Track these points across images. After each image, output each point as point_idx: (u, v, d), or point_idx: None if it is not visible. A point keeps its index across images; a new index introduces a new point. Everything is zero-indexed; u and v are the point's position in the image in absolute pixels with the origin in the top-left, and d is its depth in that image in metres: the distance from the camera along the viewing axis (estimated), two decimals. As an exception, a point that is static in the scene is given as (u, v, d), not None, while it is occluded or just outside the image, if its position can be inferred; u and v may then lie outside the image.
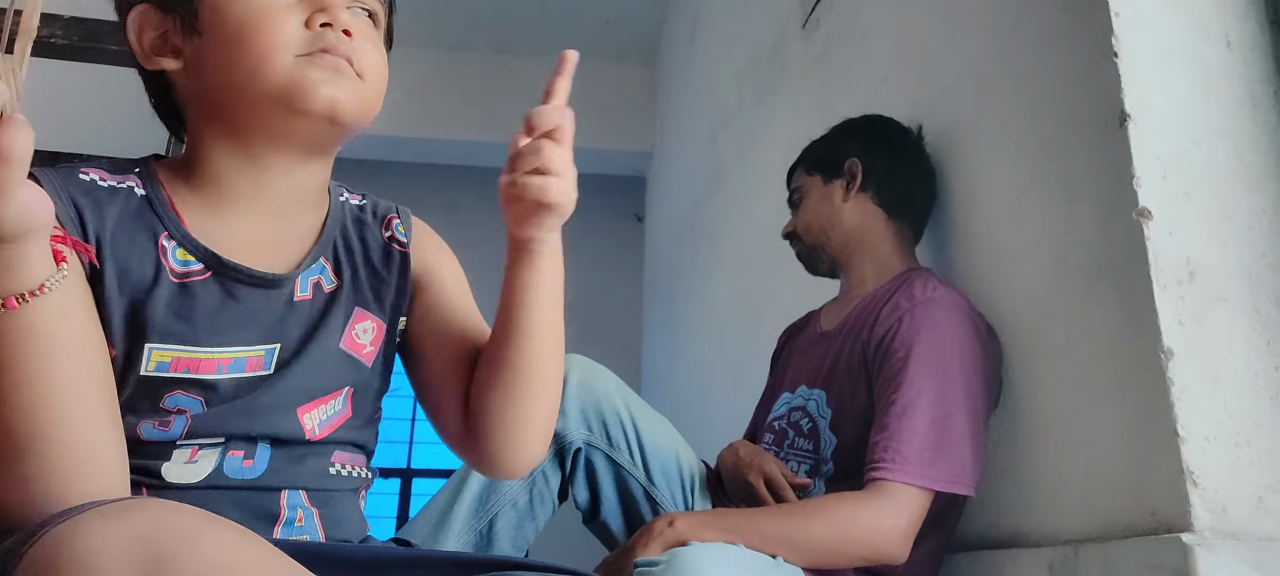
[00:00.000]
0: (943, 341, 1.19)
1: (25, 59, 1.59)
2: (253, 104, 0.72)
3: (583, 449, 1.28)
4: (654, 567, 0.98)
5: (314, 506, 0.76)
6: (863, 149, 1.44)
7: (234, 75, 0.72)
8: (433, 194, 5.40)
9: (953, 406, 1.15)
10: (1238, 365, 0.98)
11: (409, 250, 0.86)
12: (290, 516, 0.74)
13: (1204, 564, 0.88)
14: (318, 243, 0.80)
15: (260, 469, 0.73)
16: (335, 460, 0.78)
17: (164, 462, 0.70)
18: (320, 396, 0.76)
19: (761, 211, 2.47)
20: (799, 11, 2.34)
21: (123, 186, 0.73)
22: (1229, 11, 1.10)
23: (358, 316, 0.80)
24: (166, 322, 0.70)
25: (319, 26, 0.73)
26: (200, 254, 0.73)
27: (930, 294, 1.24)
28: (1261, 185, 1.05)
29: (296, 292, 0.77)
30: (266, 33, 0.71)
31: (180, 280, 0.72)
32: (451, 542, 1.22)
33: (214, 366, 0.71)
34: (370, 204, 0.88)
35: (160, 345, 0.69)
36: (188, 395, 0.70)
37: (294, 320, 0.76)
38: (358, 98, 0.74)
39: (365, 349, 0.80)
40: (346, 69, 0.73)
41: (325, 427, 0.76)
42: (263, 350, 0.74)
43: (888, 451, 1.12)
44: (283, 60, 0.71)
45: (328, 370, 0.77)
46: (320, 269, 0.79)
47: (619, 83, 4.81)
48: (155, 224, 0.73)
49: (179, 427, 0.70)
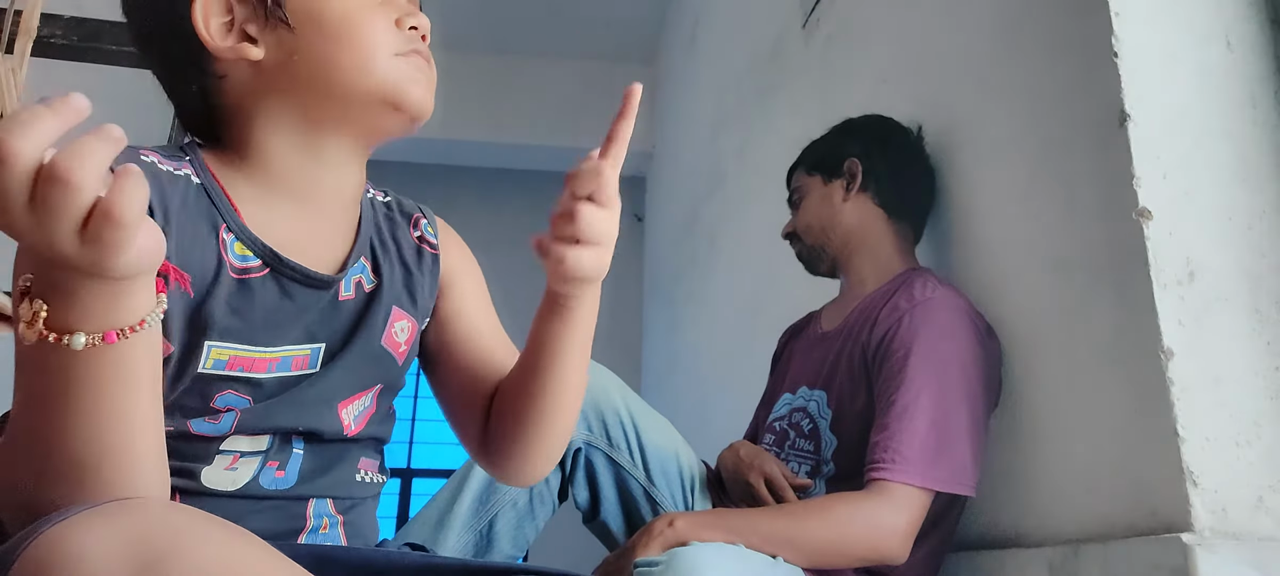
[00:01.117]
0: (943, 341, 1.19)
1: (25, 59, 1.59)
2: (353, 99, 0.74)
3: (583, 449, 1.28)
4: (654, 568, 0.98)
5: (339, 514, 0.77)
6: (863, 149, 1.44)
7: (338, 71, 0.73)
8: (433, 194, 5.39)
9: (953, 406, 1.15)
10: (1238, 365, 0.98)
11: (439, 252, 0.87)
12: (316, 525, 0.75)
13: (1204, 564, 0.88)
14: (357, 241, 0.80)
15: (291, 479, 0.73)
16: (361, 466, 0.79)
17: (205, 465, 0.69)
18: (357, 392, 0.77)
19: (761, 211, 2.47)
20: (799, 12, 2.34)
21: (180, 173, 0.71)
22: (1229, 11, 1.10)
23: (396, 315, 0.81)
24: (226, 320, 0.69)
25: (408, 29, 0.76)
26: (258, 250, 0.72)
27: (930, 294, 1.24)
28: (1261, 185, 1.05)
29: (341, 292, 0.77)
30: (372, 31, 0.74)
31: (240, 276, 0.71)
32: (451, 542, 1.22)
33: (265, 365, 0.71)
34: (394, 201, 0.88)
35: (219, 343, 0.69)
36: (237, 394, 0.70)
37: (337, 319, 0.76)
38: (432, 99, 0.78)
39: (400, 347, 0.81)
40: (428, 70, 0.77)
41: (359, 422, 0.78)
42: (309, 349, 0.74)
43: (888, 451, 1.12)
44: (385, 58, 0.74)
45: (367, 368, 0.78)
46: (361, 268, 0.80)
47: (619, 83, 4.76)
48: (214, 215, 0.71)
49: (227, 423, 0.70)
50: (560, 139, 4.71)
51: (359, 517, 0.79)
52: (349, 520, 0.77)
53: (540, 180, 5.78)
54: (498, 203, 5.80)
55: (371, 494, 0.81)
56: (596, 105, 4.76)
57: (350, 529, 0.78)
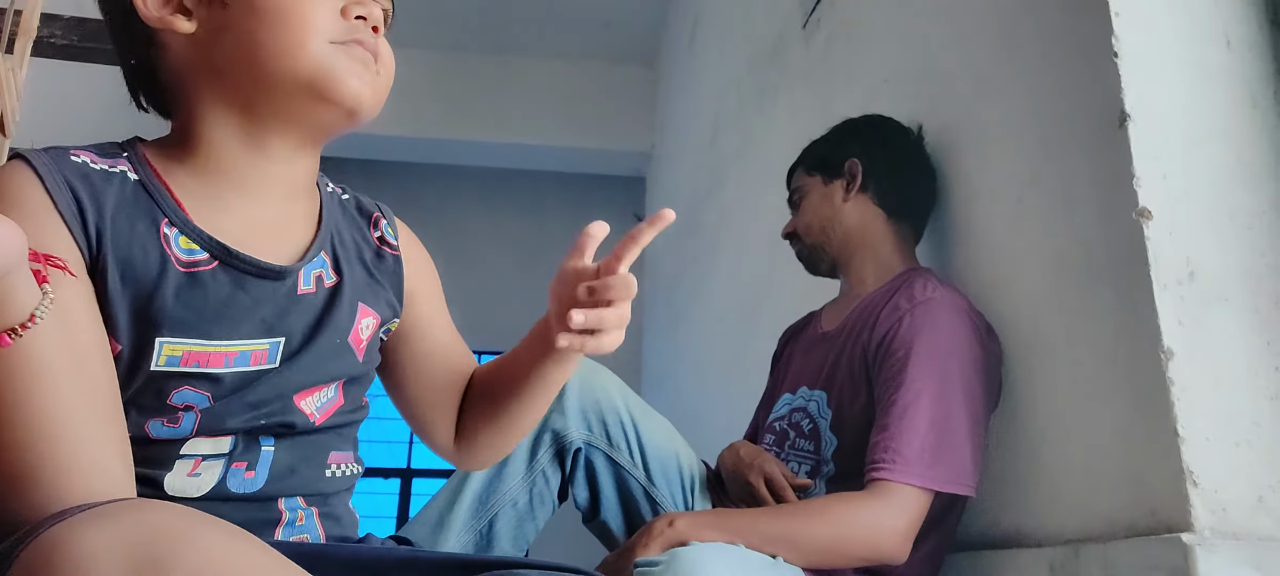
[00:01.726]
0: (943, 342, 1.19)
1: (25, 59, 1.59)
2: (276, 83, 0.71)
3: (583, 449, 1.28)
4: (654, 568, 0.98)
5: (312, 506, 0.76)
6: (863, 149, 1.44)
7: (263, 51, 0.70)
8: (433, 194, 5.40)
9: (953, 407, 1.15)
10: (1238, 365, 0.98)
11: (400, 254, 0.86)
12: (291, 518, 0.74)
13: (1204, 564, 0.88)
14: (317, 236, 0.78)
15: (261, 480, 0.72)
16: (331, 461, 0.78)
17: (166, 472, 0.68)
18: (315, 386, 0.76)
19: (761, 212, 2.47)
20: (799, 12, 2.34)
21: (115, 171, 0.70)
22: (1229, 11, 1.10)
23: (362, 311, 0.80)
24: (177, 314, 0.68)
25: (354, 18, 0.73)
26: (205, 243, 0.70)
27: (930, 294, 1.24)
28: (1261, 185, 1.05)
29: (299, 285, 0.75)
30: (306, 12, 0.71)
31: (187, 270, 0.69)
32: (451, 542, 1.22)
33: (222, 360, 0.69)
34: (352, 198, 0.87)
35: (171, 338, 0.67)
36: (195, 391, 0.69)
37: (297, 313, 0.74)
38: (376, 94, 0.75)
39: (362, 343, 0.80)
40: (372, 64, 0.74)
41: (323, 413, 0.76)
42: (267, 343, 0.72)
43: (888, 452, 1.12)
44: (317, 44, 0.71)
45: (327, 363, 0.76)
46: (321, 263, 0.78)
47: (619, 83, 4.81)
48: (154, 211, 0.69)
49: (188, 424, 0.69)
50: (560, 139, 4.71)
51: (334, 508, 0.78)
52: (324, 512, 0.77)
53: (540, 180, 5.79)
54: (498, 203, 5.80)
55: (345, 487, 0.80)
56: (596, 105, 4.77)
57: (327, 519, 0.77)
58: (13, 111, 1.56)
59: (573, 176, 5.48)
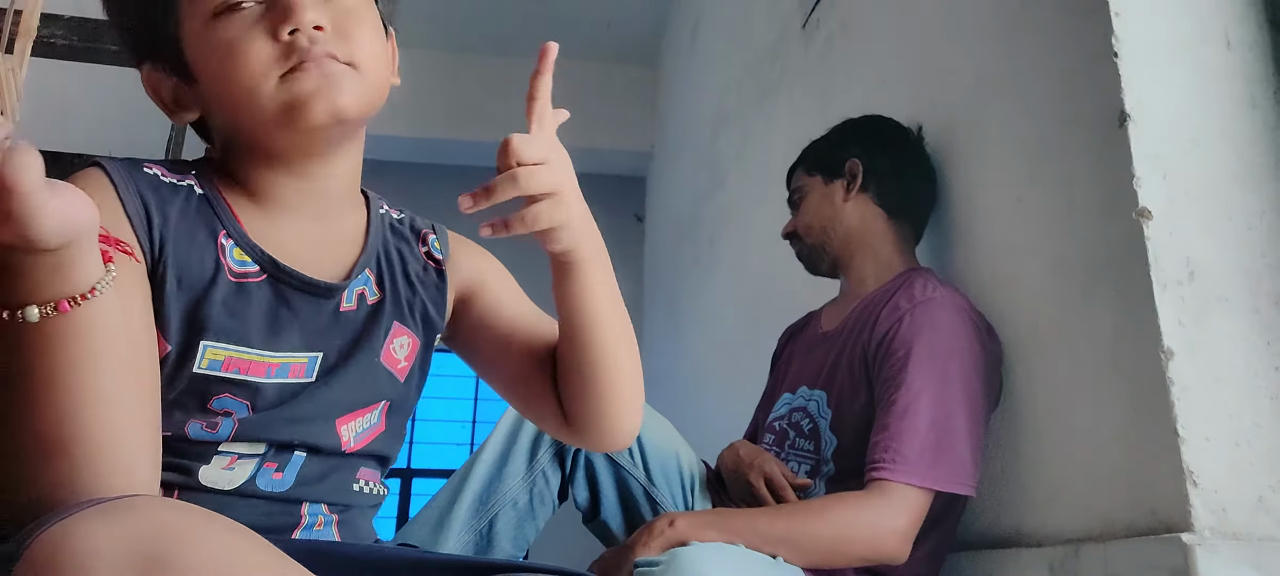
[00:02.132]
0: (943, 341, 1.19)
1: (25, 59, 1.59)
2: (260, 130, 0.72)
3: (582, 448, 1.28)
4: (654, 568, 0.98)
5: (333, 514, 0.77)
6: (863, 149, 1.44)
7: (234, 112, 0.72)
8: (433, 194, 5.40)
9: (953, 406, 1.15)
10: (1238, 365, 0.98)
11: (445, 267, 0.87)
12: (310, 522, 0.75)
13: (1204, 564, 0.88)
14: (363, 254, 0.80)
15: (288, 482, 0.73)
16: (360, 476, 0.79)
17: (203, 465, 0.70)
18: (359, 409, 0.77)
19: (762, 211, 2.47)
20: (799, 12, 2.34)
21: (183, 184, 0.73)
22: (1229, 11, 1.10)
23: (396, 331, 0.80)
24: (221, 320, 0.70)
25: (287, 36, 0.69)
26: (256, 256, 0.73)
27: (930, 294, 1.24)
28: (1261, 185, 1.05)
29: (343, 303, 0.77)
30: (244, 64, 0.69)
31: (237, 280, 0.72)
32: (452, 542, 1.22)
33: (263, 370, 0.71)
34: (407, 218, 0.88)
35: (214, 343, 0.69)
36: (235, 398, 0.70)
37: (338, 330, 0.76)
38: (356, 92, 0.71)
39: (400, 364, 0.80)
40: (333, 67, 0.70)
41: (361, 440, 0.77)
42: (306, 358, 0.74)
43: (888, 451, 1.12)
44: (268, 85, 0.69)
45: (368, 383, 0.77)
46: (366, 280, 0.79)
47: (619, 83, 4.81)
48: (214, 222, 0.73)
49: (226, 430, 0.70)
50: (560, 139, 4.70)
51: (355, 519, 0.79)
52: (344, 520, 0.77)
53: (540, 180, 5.78)
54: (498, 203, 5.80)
55: (370, 504, 0.81)
56: (596, 105, 4.77)
57: (345, 528, 0.77)
58: (13, 111, 1.56)
59: (572, 176, 5.47)
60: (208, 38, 0.70)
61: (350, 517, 0.78)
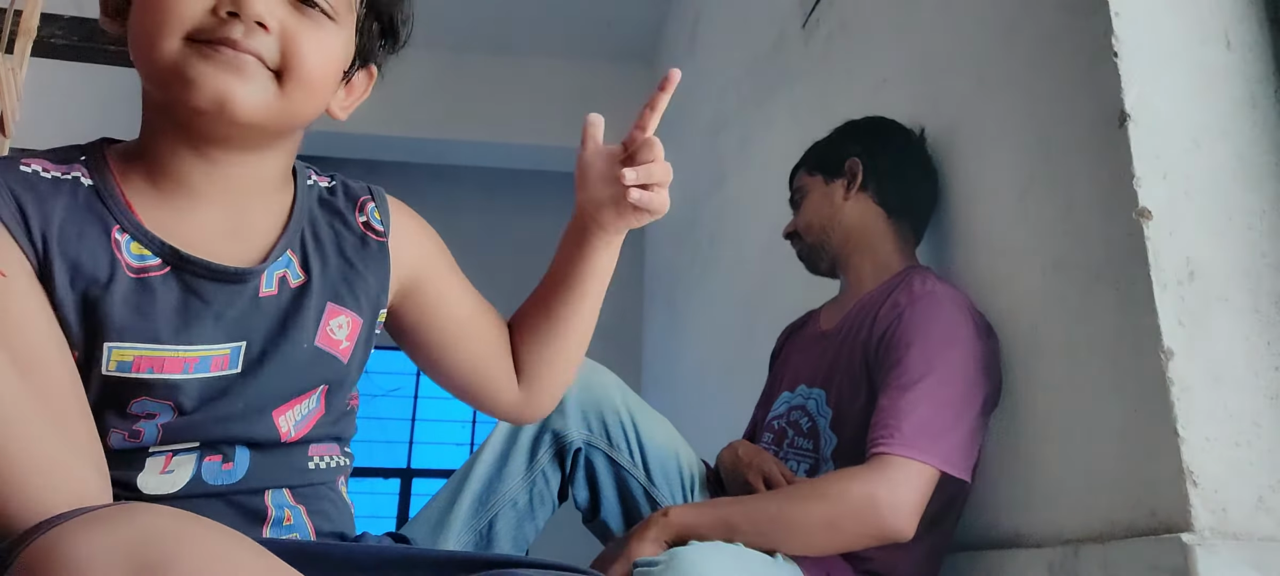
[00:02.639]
0: (942, 333, 1.19)
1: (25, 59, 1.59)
2: (151, 82, 0.68)
3: (583, 448, 1.28)
4: (654, 567, 0.98)
5: (299, 503, 0.75)
6: (864, 149, 1.44)
7: (137, 49, 0.67)
8: (433, 194, 5.40)
9: (953, 393, 1.15)
10: (1238, 365, 0.98)
11: (387, 240, 0.82)
12: (278, 516, 0.73)
13: (1204, 564, 0.88)
14: (283, 235, 0.75)
15: (241, 471, 0.71)
16: (312, 454, 0.77)
17: (137, 473, 0.68)
18: (294, 397, 0.74)
19: (761, 211, 2.47)
20: (799, 12, 2.34)
21: (67, 177, 0.69)
22: (1229, 11, 1.10)
23: (331, 311, 0.76)
24: (125, 320, 0.66)
25: (225, 14, 0.65)
26: (156, 248, 0.69)
27: (929, 289, 1.24)
28: (1261, 185, 1.05)
29: (262, 288, 0.73)
30: (157, 7, 0.65)
31: (137, 275, 0.68)
32: (452, 542, 1.22)
33: (180, 365, 0.68)
34: (339, 185, 0.83)
35: (119, 343, 0.66)
36: (156, 401, 0.67)
37: (259, 317, 0.72)
38: (259, 98, 0.67)
39: (341, 344, 0.77)
40: (249, 65, 0.66)
41: (300, 428, 0.75)
42: (228, 349, 0.70)
43: (887, 428, 1.12)
44: (169, 43, 0.65)
45: (300, 370, 0.74)
46: (287, 262, 0.75)
47: (619, 83, 4.81)
48: (106, 216, 0.68)
49: (150, 435, 0.67)
50: (560, 139, 4.70)
51: (321, 503, 0.76)
52: (312, 508, 0.75)
53: (540, 180, 5.78)
54: (498, 203, 5.80)
55: (331, 477, 0.78)
56: (596, 105, 4.74)
57: (316, 517, 0.75)
58: (13, 111, 1.56)
59: (573, 176, 5.47)
60: None
61: (317, 503, 0.76)
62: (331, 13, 0.72)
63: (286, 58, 0.68)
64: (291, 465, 0.75)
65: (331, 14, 0.72)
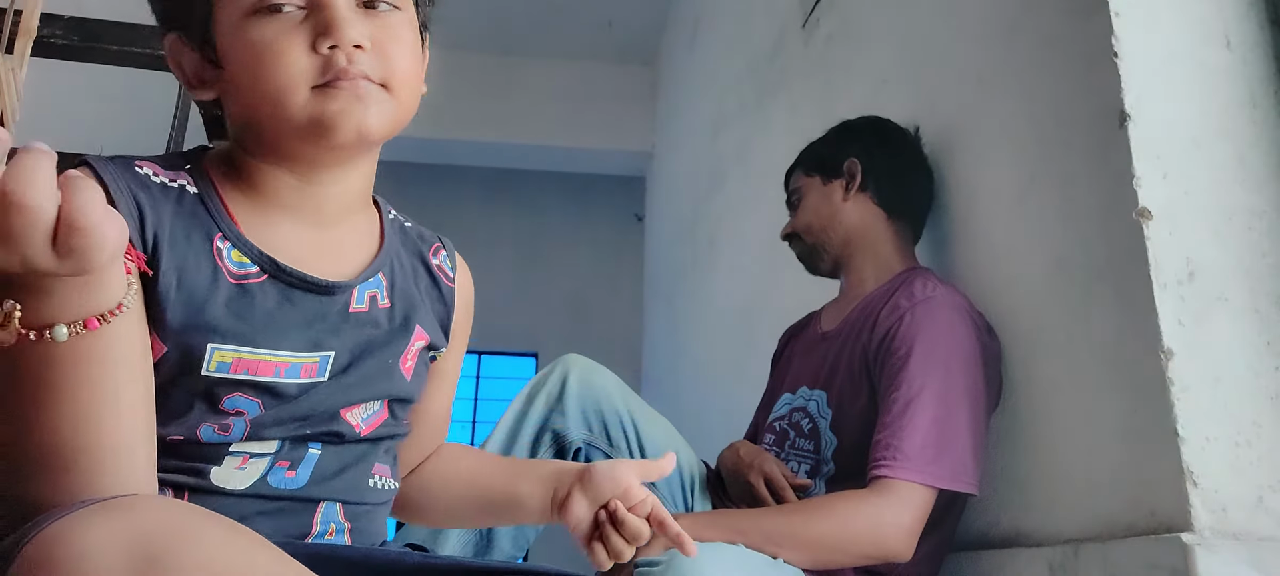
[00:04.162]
0: (943, 339, 1.19)
1: (25, 59, 1.59)
2: (281, 132, 0.71)
3: (583, 449, 1.28)
4: (654, 568, 0.98)
5: (347, 521, 0.76)
6: (862, 149, 1.44)
7: (258, 109, 0.71)
8: (433, 194, 5.40)
9: (955, 404, 1.15)
10: (1238, 365, 0.98)
11: (455, 287, 0.87)
12: (322, 531, 0.74)
13: (1204, 564, 0.88)
14: (376, 258, 0.79)
15: (303, 480, 0.73)
16: (375, 471, 0.79)
17: (215, 466, 0.70)
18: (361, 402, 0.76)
19: (762, 211, 2.47)
20: (799, 12, 2.34)
21: (175, 184, 0.72)
22: (1229, 11, 1.10)
23: (418, 334, 0.80)
24: (226, 323, 0.69)
25: (327, 49, 0.69)
26: (255, 257, 0.72)
27: (930, 292, 1.24)
28: (1261, 185, 1.05)
29: (352, 303, 0.76)
30: (277, 70, 0.68)
31: (237, 281, 0.71)
32: (452, 543, 1.22)
33: (272, 369, 0.70)
34: (415, 228, 0.88)
35: (222, 345, 0.68)
36: (246, 397, 0.70)
37: (349, 330, 0.75)
38: (385, 114, 0.71)
39: (409, 366, 0.80)
40: (367, 89, 0.70)
41: (370, 425, 0.77)
42: (317, 358, 0.73)
43: (890, 449, 1.12)
44: (299, 97, 0.69)
45: (375, 383, 0.77)
46: (377, 283, 0.79)
47: (619, 83, 4.81)
48: (210, 224, 0.71)
49: (238, 431, 0.70)
50: (560, 139, 4.71)
51: (367, 525, 0.78)
52: (356, 527, 0.77)
53: (540, 180, 5.79)
54: (498, 203, 5.80)
55: (383, 501, 0.81)
56: (596, 105, 4.77)
57: (357, 537, 0.77)
58: (13, 111, 1.56)
59: (573, 176, 5.48)
60: (243, 31, 0.69)
61: (363, 524, 0.78)
62: (396, 3, 0.75)
63: (387, 68, 0.72)
64: (355, 477, 0.77)
65: (397, 4, 0.75)
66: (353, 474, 0.76)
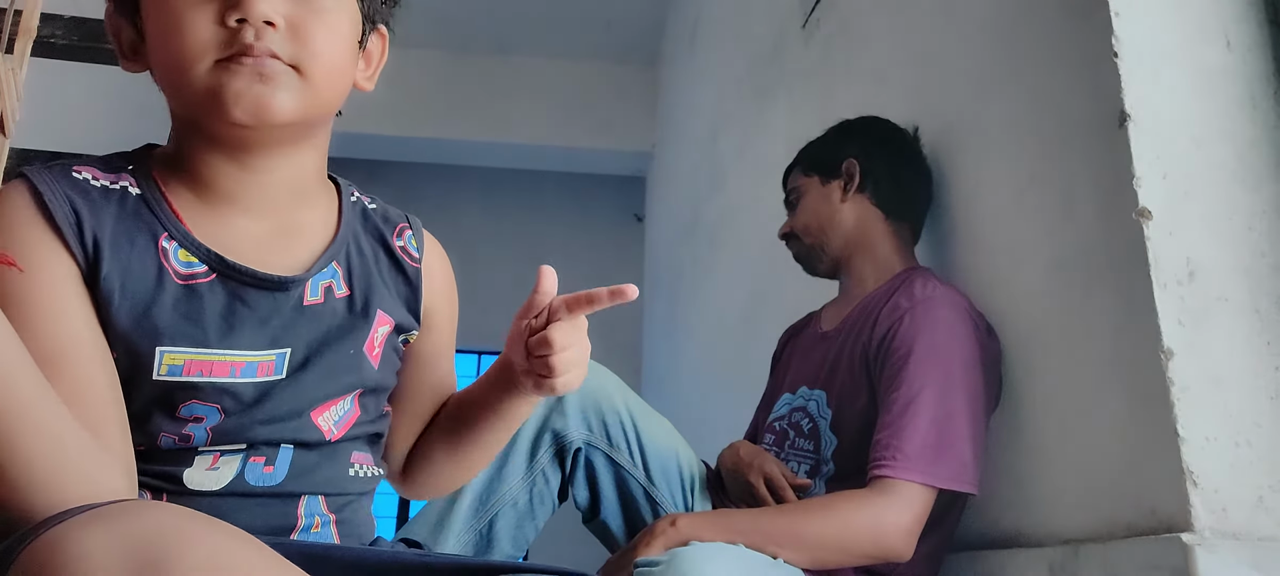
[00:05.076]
0: (943, 339, 1.19)
1: (25, 59, 1.59)
2: (188, 106, 0.69)
3: (583, 448, 1.28)
4: (654, 567, 0.98)
5: (331, 513, 0.76)
6: (861, 149, 1.44)
7: (167, 79, 0.69)
8: (433, 194, 5.40)
9: (954, 403, 1.15)
10: (1238, 365, 0.98)
11: (421, 267, 0.85)
12: (307, 524, 0.74)
13: (1204, 564, 0.88)
14: (330, 246, 0.78)
15: (281, 475, 0.72)
16: (353, 461, 0.78)
17: (185, 469, 0.69)
18: (332, 399, 0.75)
19: (761, 211, 2.47)
20: (799, 12, 2.34)
21: (116, 186, 0.71)
22: (1229, 11, 1.10)
23: (380, 320, 0.79)
24: (175, 325, 0.68)
25: (234, 22, 0.66)
26: (203, 255, 0.71)
27: (930, 292, 1.24)
28: (1261, 185, 1.05)
29: (306, 296, 0.75)
30: (181, 39, 0.66)
31: (185, 282, 0.70)
32: (451, 542, 1.22)
33: (227, 369, 0.69)
34: (380, 208, 0.86)
35: (171, 348, 0.67)
36: (205, 404, 0.69)
37: (304, 324, 0.74)
38: (291, 98, 0.68)
39: (374, 349, 0.79)
40: (272, 68, 0.67)
41: (340, 427, 0.76)
42: (273, 355, 0.72)
43: (891, 449, 1.12)
44: (200, 68, 0.66)
45: (338, 376, 0.75)
46: (332, 273, 0.77)
47: (619, 83, 4.81)
48: (154, 225, 0.70)
49: (200, 438, 0.69)
50: (560, 139, 4.71)
51: (352, 515, 0.78)
52: (341, 519, 0.76)
53: (540, 180, 5.79)
54: (498, 203, 5.80)
55: (366, 490, 0.80)
56: (596, 105, 4.77)
57: (343, 527, 0.76)
58: (13, 111, 1.56)
59: (573, 176, 5.48)
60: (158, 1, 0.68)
61: (348, 514, 0.77)
62: None
63: (301, 49, 0.69)
64: (333, 470, 0.76)
65: None
66: (330, 467, 0.75)
